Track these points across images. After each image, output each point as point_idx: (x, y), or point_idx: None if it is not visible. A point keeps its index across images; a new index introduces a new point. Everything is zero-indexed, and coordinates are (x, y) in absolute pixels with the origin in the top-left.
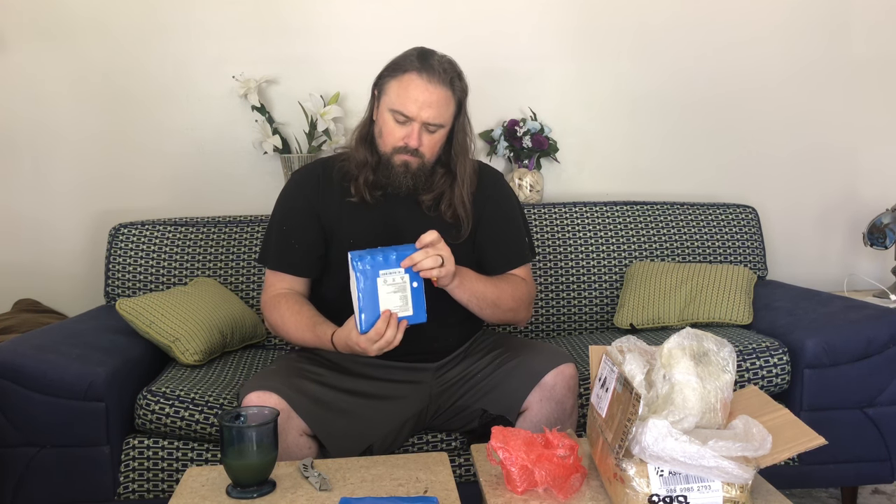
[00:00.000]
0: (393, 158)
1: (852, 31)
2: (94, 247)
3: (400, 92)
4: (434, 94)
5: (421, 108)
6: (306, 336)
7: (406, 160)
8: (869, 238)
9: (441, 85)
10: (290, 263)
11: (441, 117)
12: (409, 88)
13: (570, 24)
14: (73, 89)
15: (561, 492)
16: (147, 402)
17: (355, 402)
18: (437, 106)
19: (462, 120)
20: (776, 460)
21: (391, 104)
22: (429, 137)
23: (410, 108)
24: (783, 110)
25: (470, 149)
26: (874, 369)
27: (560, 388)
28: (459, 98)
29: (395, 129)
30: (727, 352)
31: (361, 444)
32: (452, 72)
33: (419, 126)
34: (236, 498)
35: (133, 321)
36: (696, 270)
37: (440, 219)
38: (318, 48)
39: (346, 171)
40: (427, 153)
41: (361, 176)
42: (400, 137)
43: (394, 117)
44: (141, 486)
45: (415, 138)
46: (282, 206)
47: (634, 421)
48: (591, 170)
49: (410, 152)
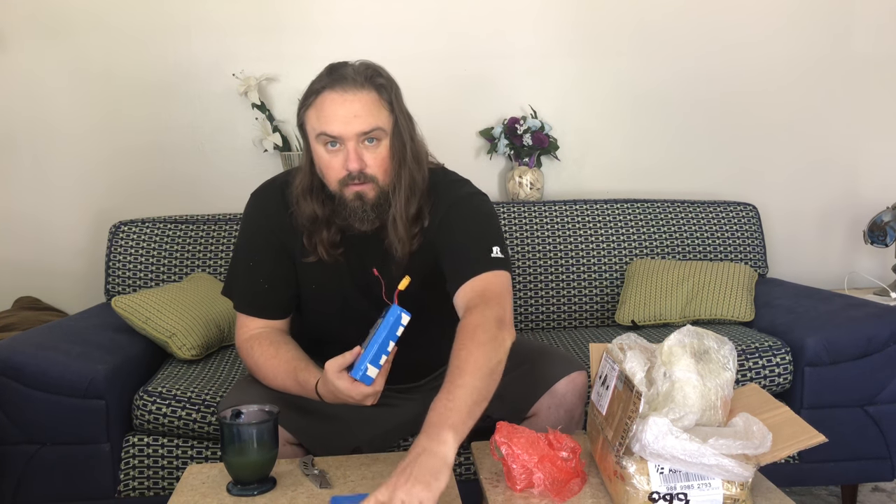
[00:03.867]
0: (344, 194)
1: (853, 30)
2: (94, 244)
3: (318, 114)
4: (355, 101)
5: (346, 123)
6: (287, 384)
7: (357, 191)
8: (869, 236)
9: (360, 89)
10: (260, 307)
11: (374, 121)
12: (325, 106)
13: (570, 22)
14: (73, 87)
15: (558, 495)
16: (144, 402)
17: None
18: (363, 113)
19: (397, 123)
20: (776, 458)
21: (315, 132)
22: (372, 154)
23: (334, 126)
24: (784, 108)
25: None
26: (875, 367)
27: (571, 396)
28: (388, 98)
29: (330, 160)
30: (728, 349)
31: (347, 447)
32: (369, 71)
33: (353, 143)
34: (237, 495)
35: (129, 318)
36: (697, 268)
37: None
38: (319, 46)
39: (297, 226)
40: (378, 173)
41: (316, 236)
42: (339, 167)
43: (324, 147)
44: (141, 484)
45: (354, 159)
46: (245, 237)
47: (635, 419)
48: (591, 167)
49: (357, 178)
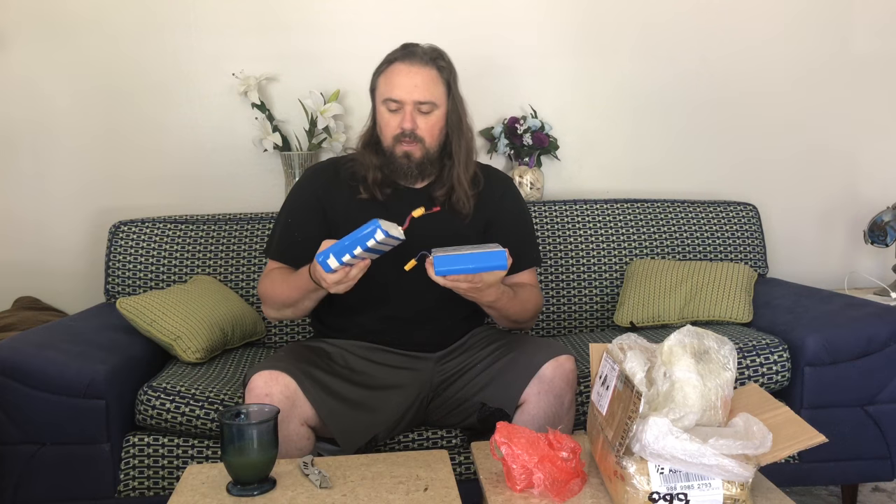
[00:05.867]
0: (395, 150)
1: (854, 31)
2: (94, 244)
3: (388, 81)
4: (418, 74)
5: (408, 91)
6: (290, 279)
7: (406, 150)
8: (870, 236)
9: (424, 65)
10: (292, 256)
11: (430, 95)
12: (394, 75)
13: (571, 22)
14: (73, 87)
15: (558, 496)
16: (148, 397)
17: (360, 394)
18: (423, 85)
19: (453, 100)
20: (776, 458)
21: (383, 96)
22: (424, 120)
23: (398, 92)
24: (784, 108)
25: (466, 129)
26: (874, 367)
27: (559, 381)
28: (447, 78)
29: (390, 119)
30: (728, 349)
31: (367, 435)
32: (435, 53)
33: (411, 108)
34: (237, 496)
35: (134, 320)
36: (697, 268)
37: (452, 210)
38: (319, 45)
39: (354, 171)
40: (426, 136)
41: (370, 175)
42: (396, 125)
43: (387, 108)
44: (141, 484)
45: (409, 119)
46: (290, 201)
47: (635, 419)
48: (591, 167)
49: (409, 137)
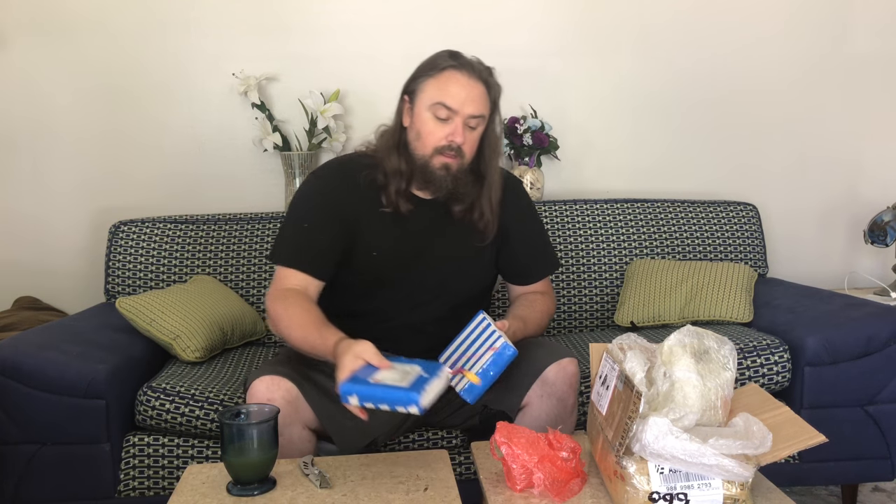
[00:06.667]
0: (432, 161)
1: (853, 30)
2: (94, 244)
3: (440, 87)
4: (475, 88)
5: (464, 103)
6: (309, 333)
7: (446, 162)
8: (870, 236)
9: (479, 80)
10: (308, 262)
11: (481, 109)
12: (450, 83)
13: (570, 22)
14: (73, 87)
15: (558, 496)
16: (147, 398)
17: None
18: (477, 100)
19: (495, 120)
20: (776, 458)
21: (431, 100)
22: (469, 135)
23: (453, 101)
24: (784, 108)
25: (500, 151)
26: (875, 367)
27: (561, 384)
28: (494, 97)
29: (436, 128)
30: (728, 349)
31: (365, 439)
32: (486, 69)
33: (462, 120)
34: (237, 495)
35: (133, 319)
36: (697, 268)
37: (471, 226)
38: (319, 45)
39: (373, 178)
40: (467, 152)
41: (393, 185)
42: (443, 136)
43: (434, 115)
44: (141, 484)
45: (459, 133)
46: (303, 205)
47: (635, 419)
48: (591, 167)
49: (453, 151)
